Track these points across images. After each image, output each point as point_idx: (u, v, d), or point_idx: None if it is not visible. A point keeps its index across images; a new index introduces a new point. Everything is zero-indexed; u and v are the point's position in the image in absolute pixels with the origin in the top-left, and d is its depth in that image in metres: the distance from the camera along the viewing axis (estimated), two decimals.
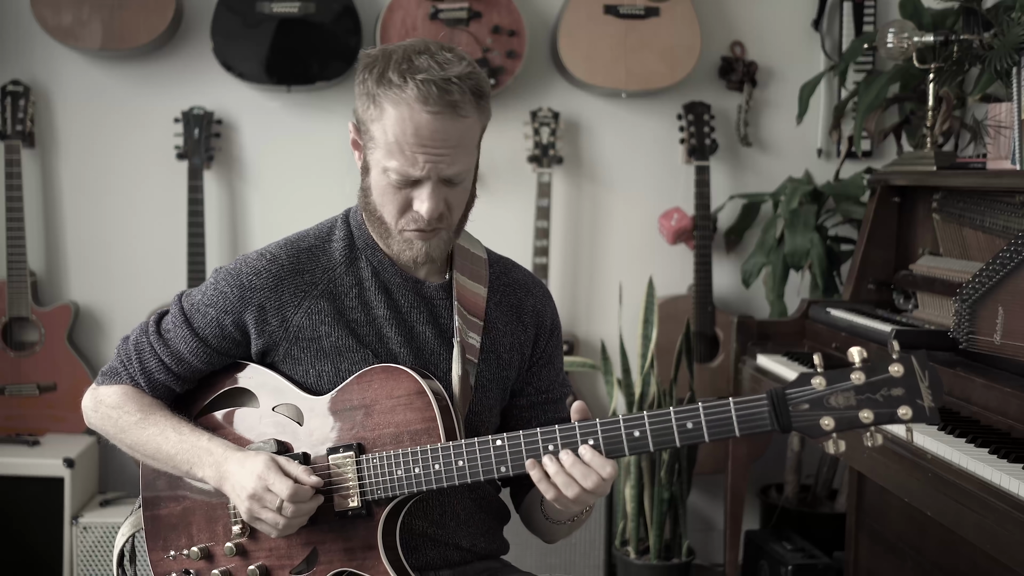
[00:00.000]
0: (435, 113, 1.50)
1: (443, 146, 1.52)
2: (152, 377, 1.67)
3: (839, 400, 1.38)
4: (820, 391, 1.39)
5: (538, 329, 1.75)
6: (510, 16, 3.41)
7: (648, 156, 3.65)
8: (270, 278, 1.64)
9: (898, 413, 1.36)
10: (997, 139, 2.42)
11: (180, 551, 1.67)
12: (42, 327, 3.37)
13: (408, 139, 1.51)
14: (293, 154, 3.56)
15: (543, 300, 1.77)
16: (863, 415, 1.37)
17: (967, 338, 2.15)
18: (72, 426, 3.37)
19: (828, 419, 1.38)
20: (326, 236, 1.69)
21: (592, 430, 1.46)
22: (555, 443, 1.47)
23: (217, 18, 3.32)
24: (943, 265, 2.53)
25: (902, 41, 2.70)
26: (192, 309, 1.66)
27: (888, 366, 1.36)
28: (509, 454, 1.50)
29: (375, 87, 1.53)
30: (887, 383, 1.36)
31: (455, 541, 1.68)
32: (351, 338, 1.63)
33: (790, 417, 1.39)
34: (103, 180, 3.53)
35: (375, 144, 1.56)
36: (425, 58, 1.52)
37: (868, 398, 1.37)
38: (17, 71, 3.46)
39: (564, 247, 3.62)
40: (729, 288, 3.65)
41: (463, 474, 1.52)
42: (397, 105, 1.51)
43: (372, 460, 1.56)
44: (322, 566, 1.59)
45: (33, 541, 3.17)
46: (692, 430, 1.42)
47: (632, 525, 3.23)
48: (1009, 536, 1.66)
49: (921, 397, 1.35)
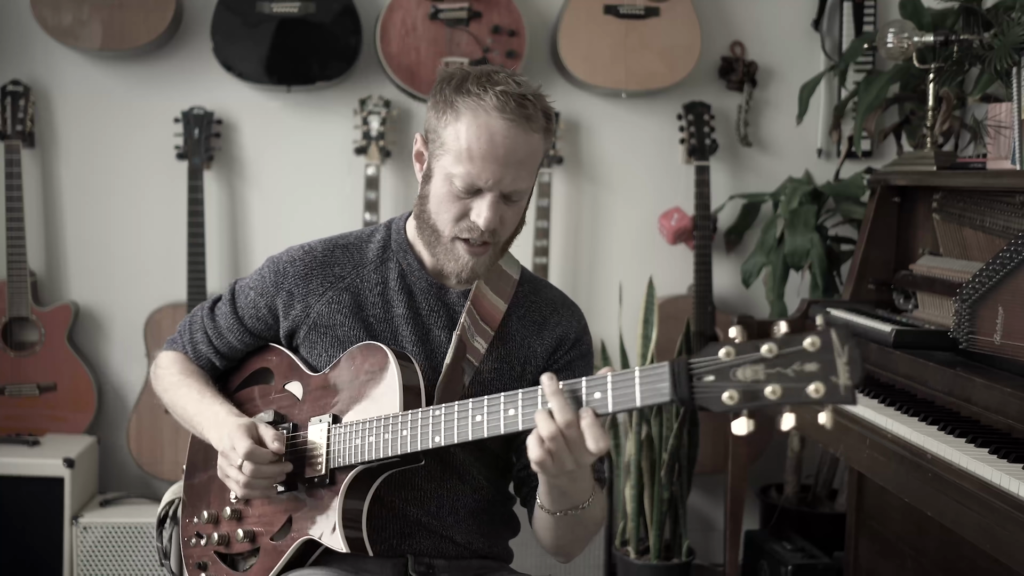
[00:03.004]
0: (510, 121, 1.56)
1: (511, 159, 1.58)
2: (197, 348, 1.83)
3: (746, 373, 1.24)
4: (726, 362, 1.25)
5: (559, 342, 1.77)
6: (510, 16, 3.41)
7: (648, 156, 3.65)
8: (303, 267, 1.74)
9: (807, 390, 1.21)
10: (997, 139, 2.42)
11: (199, 516, 1.79)
12: (42, 327, 3.37)
13: (481, 145, 1.57)
14: (293, 154, 3.56)
15: (569, 318, 1.79)
16: (768, 390, 1.23)
17: (967, 338, 2.15)
18: (72, 426, 3.38)
19: (732, 392, 1.24)
20: (367, 238, 1.79)
21: (512, 399, 1.45)
22: (482, 411, 1.47)
23: (217, 18, 3.32)
24: (943, 265, 2.53)
25: (902, 41, 2.70)
26: (239, 291, 1.81)
27: (803, 339, 1.21)
28: (443, 422, 1.50)
29: (453, 94, 1.60)
30: (799, 356, 1.22)
31: (450, 535, 1.71)
32: (364, 331, 1.70)
33: (691, 389, 1.27)
34: (103, 180, 3.53)
35: (444, 150, 1.61)
36: (503, 75, 1.60)
37: (778, 372, 1.22)
38: (17, 71, 3.46)
39: (564, 247, 3.62)
40: (729, 288, 3.65)
41: (405, 443, 1.53)
42: (475, 111, 1.58)
43: (339, 429, 1.62)
44: (294, 533, 1.65)
45: (33, 541, 3.17)
46: (599, 399, 1.38)
47: (632, 525, 3.23)
48: (1009, 536, 1.66)
49: (836, 374, 1.20)
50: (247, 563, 1.71)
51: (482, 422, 1.47)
